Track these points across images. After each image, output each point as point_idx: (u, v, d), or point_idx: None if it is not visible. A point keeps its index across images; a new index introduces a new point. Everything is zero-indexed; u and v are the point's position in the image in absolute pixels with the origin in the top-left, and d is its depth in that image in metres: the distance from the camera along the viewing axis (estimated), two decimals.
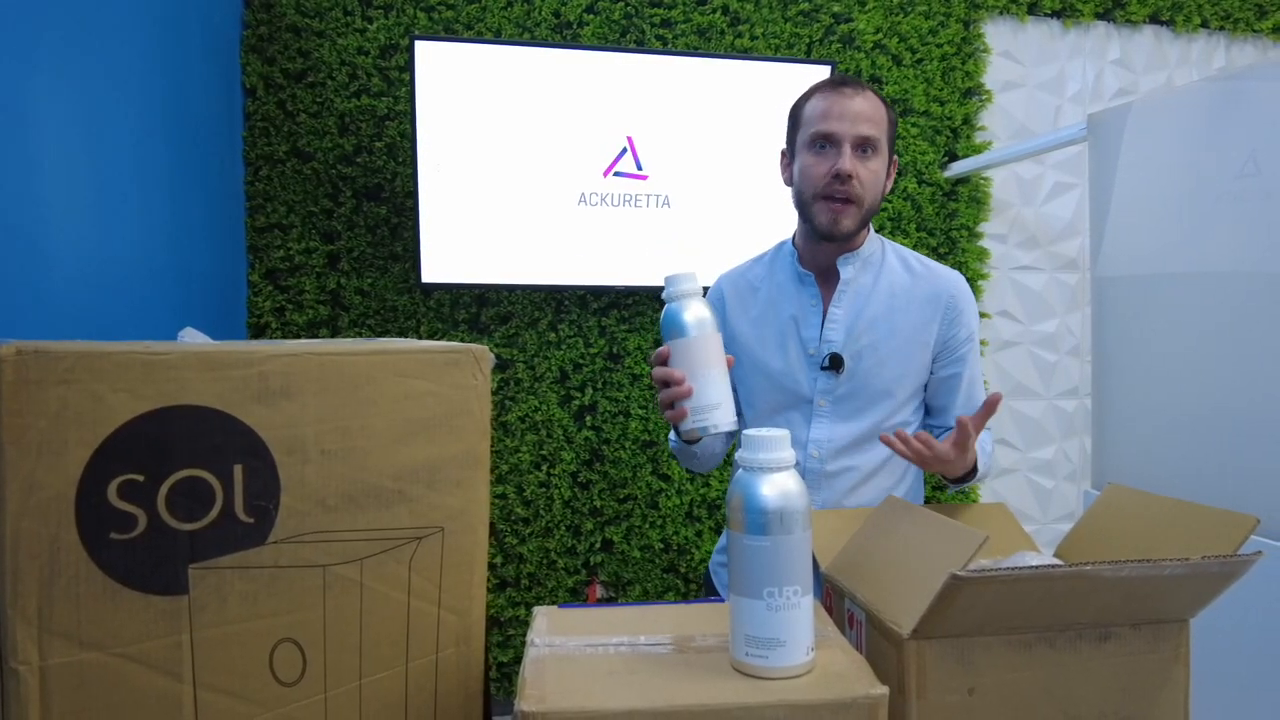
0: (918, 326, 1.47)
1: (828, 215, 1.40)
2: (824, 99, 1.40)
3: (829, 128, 1.38)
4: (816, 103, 1.41)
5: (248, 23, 2.51)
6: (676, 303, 1.06)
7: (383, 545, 0.74)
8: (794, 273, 1.51)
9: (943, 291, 1.48)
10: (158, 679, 0.65)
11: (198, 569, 0.66)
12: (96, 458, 0.63)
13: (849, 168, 1.37)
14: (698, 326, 1.05)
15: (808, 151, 1.42)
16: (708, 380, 1.04)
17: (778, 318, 1.50)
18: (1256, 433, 1.75)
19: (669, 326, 1.06)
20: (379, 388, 0.73)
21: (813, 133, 1.40)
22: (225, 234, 2.39)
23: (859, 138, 1.37)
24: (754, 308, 1.53)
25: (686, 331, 1.04)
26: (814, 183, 1.41)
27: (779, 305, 1.51)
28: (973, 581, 0.73)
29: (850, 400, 1.46)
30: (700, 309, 1.06)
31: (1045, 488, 3.08)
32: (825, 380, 1.46)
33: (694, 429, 1.06)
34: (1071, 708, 0.83)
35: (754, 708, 0.69)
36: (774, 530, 0.73)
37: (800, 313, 1.49)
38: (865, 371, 1.45)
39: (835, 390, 1.46)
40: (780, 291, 1.52)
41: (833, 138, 1.38)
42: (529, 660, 0.76)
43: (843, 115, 1.37)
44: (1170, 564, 0.77)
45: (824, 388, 1.46)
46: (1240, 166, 1.81)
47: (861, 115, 1.37)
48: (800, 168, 1.44)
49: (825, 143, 1.39)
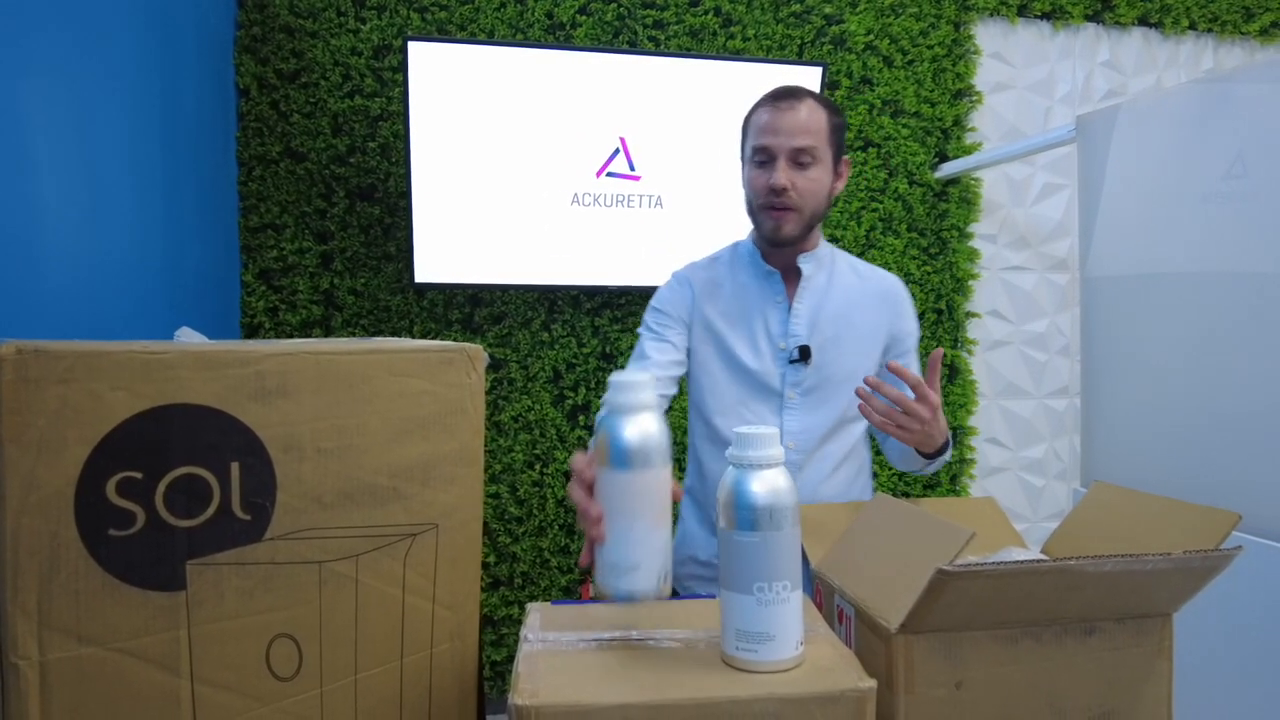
0: (872, 320, 1.55)
1: (770, 224, 1.47)
2: (764, 112, 1.46)
3: (765, 142, 1.44)
4: (758, 116, 1.47)
5: (241, 23, 2.51)
6: (620, 418, 0.79)
7: (378, 542, 0.74)
8: (758, 270, 1.55)
9: (890, 290, 1.58)
10: (156, 674, 0.66)
11: (195, 565, 0.67)
12: (95, 455, 0.63)
13: (784, 182, 1.42)
14: (640, 457, 0.78)
15: (750, 164, 1.48)
16: (633, 532, 0.78)
17: (745, 314, 1.53)
18: (1244, 432, 1.77)
19: (605, 446, 0.79)
20: (375, 386, 0.74)
21: (753, 146, 1.47)
22: (219, 234, 2.39)
23: (794, 150, 1.42)
24: (718, 301, 1.55)
25: (624, 462, 0.78)
26: (756, 195, 1.48)
27: (744, 302, 1.54)
28: (959, 576, 0.75)
29: (817, 391, 1.50)
30: (649, 430, 0.79)
31: (1035, 486, 3.10)
32: (794, 373, 1.50)
33: (601, 588, 0.80)
34: (1057, 701, 0.84)
35: (744, 701, 0.70)
36: (763, 526, 0.74)
37: (766, 308, 1.53)
38: (829, 363, 1.50)
39: (803, 382, 1.50)
40: (743, 289, 1.55)
41: (769, 151, 1.44)
42: (522, 656, 0.77)
43: (778, 130, 1.43)
44: (1153, 559, 0.78)
45: (793, 380, 1.50)
46: (1228, 168, 1.83)
47: (797, 128, 1.42)
48: (746, 179, 1.51)
49: (764, 156, 1.45)
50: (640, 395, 0.79)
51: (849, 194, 2.88)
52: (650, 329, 1.57)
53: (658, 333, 1.55)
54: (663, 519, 0.80)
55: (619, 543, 0.78)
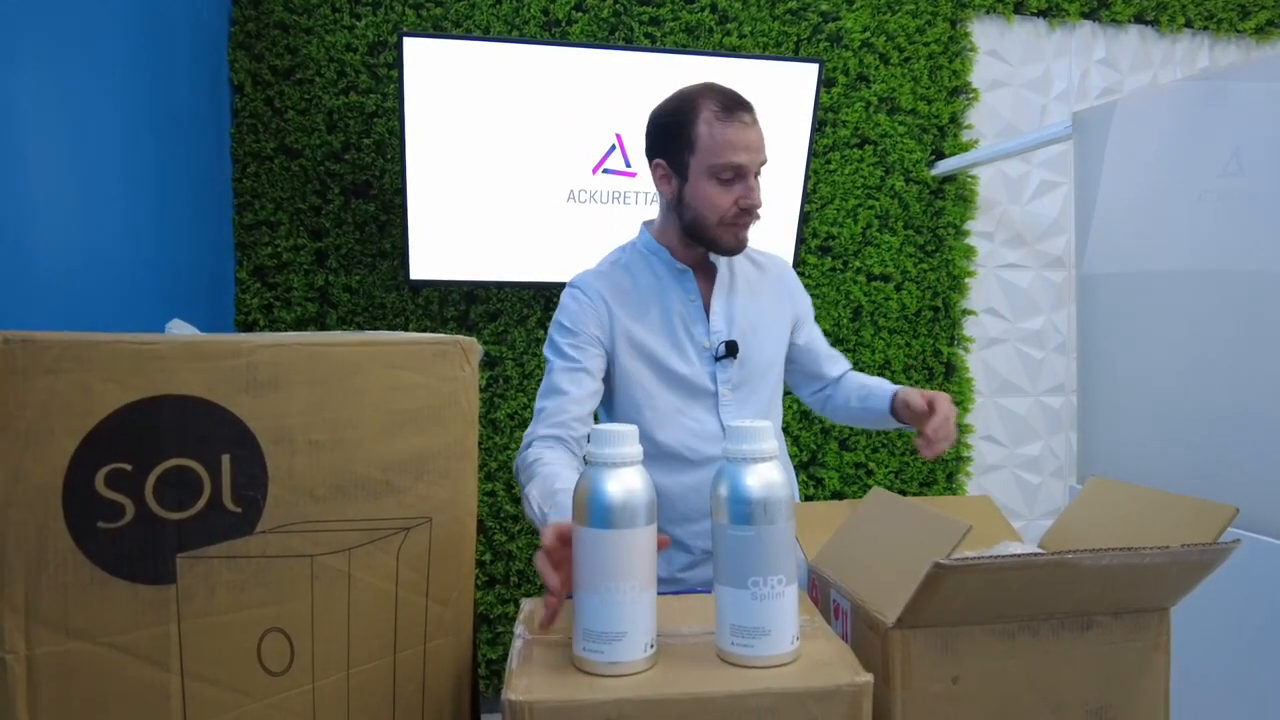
0: (776, 308, 1.58)
1: (733, 238, 1.44)
2: (724, 127, 1.37)
3: (739, 160, 1.37)
4: (715, 129, 1.37)
5: (235, 19, 2.50)
6: (604, 471, 0.73)
7: (370, 536, 0.74)
8: (670, 271, 1.51)
9: (783, 273, 1.63)
10: (145, 669, 0.65)
11: (185, 558, 0.66)
12: (84, 447, 0.63)
13: (759, 199, 1.41)
14: (625, 515, 0.72)
15: (709, 180, 1.39)
16: (617, 596, 0.72)
17: (663, 318, 1.48)
18: (1240, 429, 1.77)
19: (586, 503, 0.73)
20: (367, 379, 0.74)
21: (719, 163, 1.38)
22: (213, 231, 2.38)
23: (760, 164, 1.41)
24: (635, 310, 1.48)
25: (607, 520, 0.72)
26: (720, 212, 1.41)
27: (660, 305, 1.49)
28: (956, 570, 0.74)
29: (745, 385, 1.51)
30: (634, 485, 0.74)
31: (1031, 483, 3.10)
32: (723, 370, 1.49)
33: (582, 659, 0.73)
34: (1054, 696, 0.84)
35: (739, 696, 0.69)
36: (758, 520, 0.73)
37: (683, 309, 1.49)
38: (752, 354, 1.51)
39: (732, 379, 1.50)
40: (653, 292, 1.50)
41: (741, 170, 1.38)
42: (515, 651, 0.77)
43: (748, 147, 1.38)
44: (1150, 552, 0.78)
45: (723, 377, 1.49)
46: (1224, 165, 1.82)
47: (761, 143, 1.40)
48: (701, 195, 1.41)
49: (733, 174, 1.39)
50: (629, 448, 0.74)
51: (845, 191, 2.88)
52: (563, 354, 1.45)
53: (572, 359, 1.44)
54: (649, 581, 0.74)
55: (602, 608, 0.72)
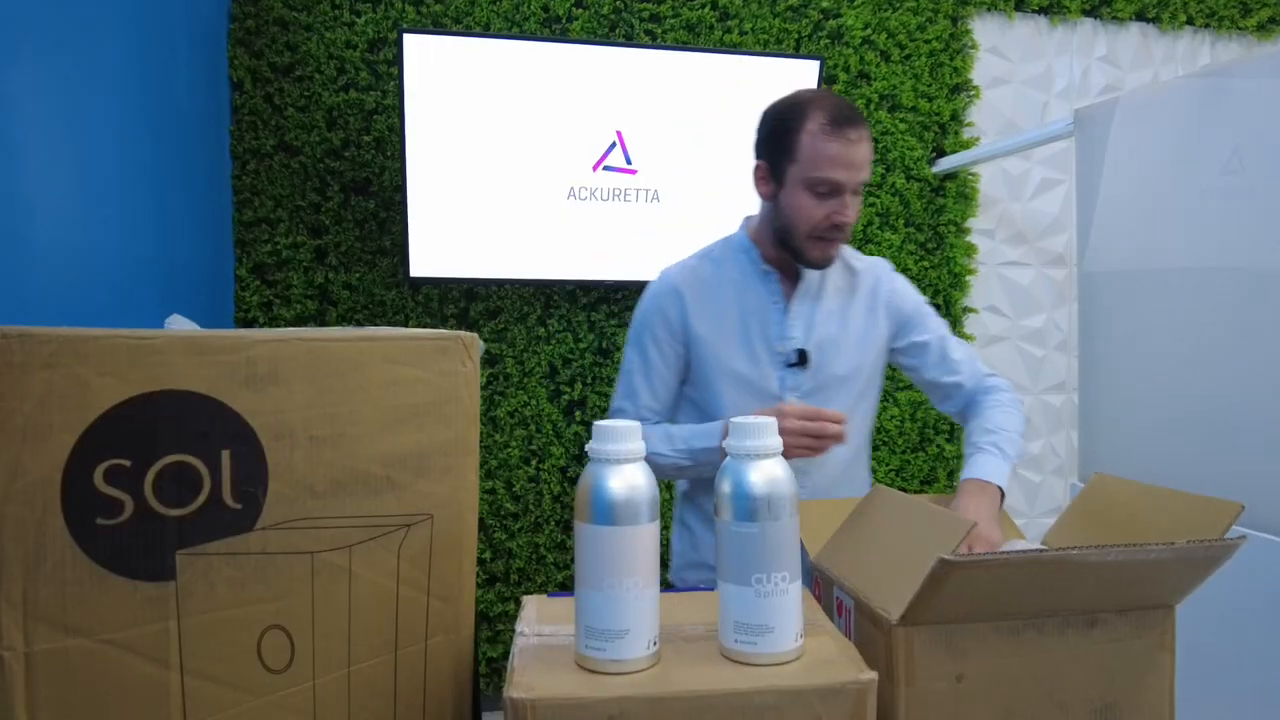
0: (868, 317, 1.52)
1: (820, 253, 1.43)
2: (829, 141, 1.36)
3: (836, 176, 1.36)
4: (819, 143, 1.37)
5: (235, 16, 2.50)
6: (605, 468, 0.73)
7: (371, 532, 0.73)
8: (754, 270, 1.51)
9: (879, 282, 1.55)
10: (145, 665, 0.65)
11: (185, 555, 0.66)
12: (82, 442, 0.62)
13: (852, 219, 1.40)
14: (627, 512, 0.72)
15: (805, 191, 1.39)
16: (620, 593, 0.72)
17: (739, 316, 1.49)
18: (1242, 427, 1.77)
19: (589, 499, 0.73)
20: (368, 374, 0.73)
21: (815, 177, 1.38)
22: (212, 228, 2.38)
23: (859, 183, 1.40)
24: (710, 305, 1.50)
25: (610, 517, 0.72)
26: (811, 225, 1.40)
27: (739, 304, 1.49)
28: (961, 566, 0.74)
29: (816, 395, 1.47)
30: (637, 482, 0.73)
31: (1033, 482, 3.10)
32: (792, 376, 1.47)
33: (584, 656, 0.73)
34: (1059, 693, 0.83)
35: (743, 694, 0.69)
36: (762, 517, 0.73)
37: (761, 310, 1.49)
38: (828, 364, 1.48)
39: (802, 386, 1.47)
40: (736, 289, 1.50)
41: (838, 186, 1.38)
42: (518, 649, 0.76)
43: (850, 164, 1.37)
44: (1155, 549, 0.77)
45: (792, 384, 1.47)
46: (1225, 162, 1.82)
47: (864, 161, 1.38)
48: (795, 205, 1.41)
49: (828, 189, 1.38)
50: (626, 445, 0.73)
51: None
52: (645, 356, 1.50)
53: (652, 359, 1.49)
54: (652, 578, 0.74)
55: (604, 606, 0.72)
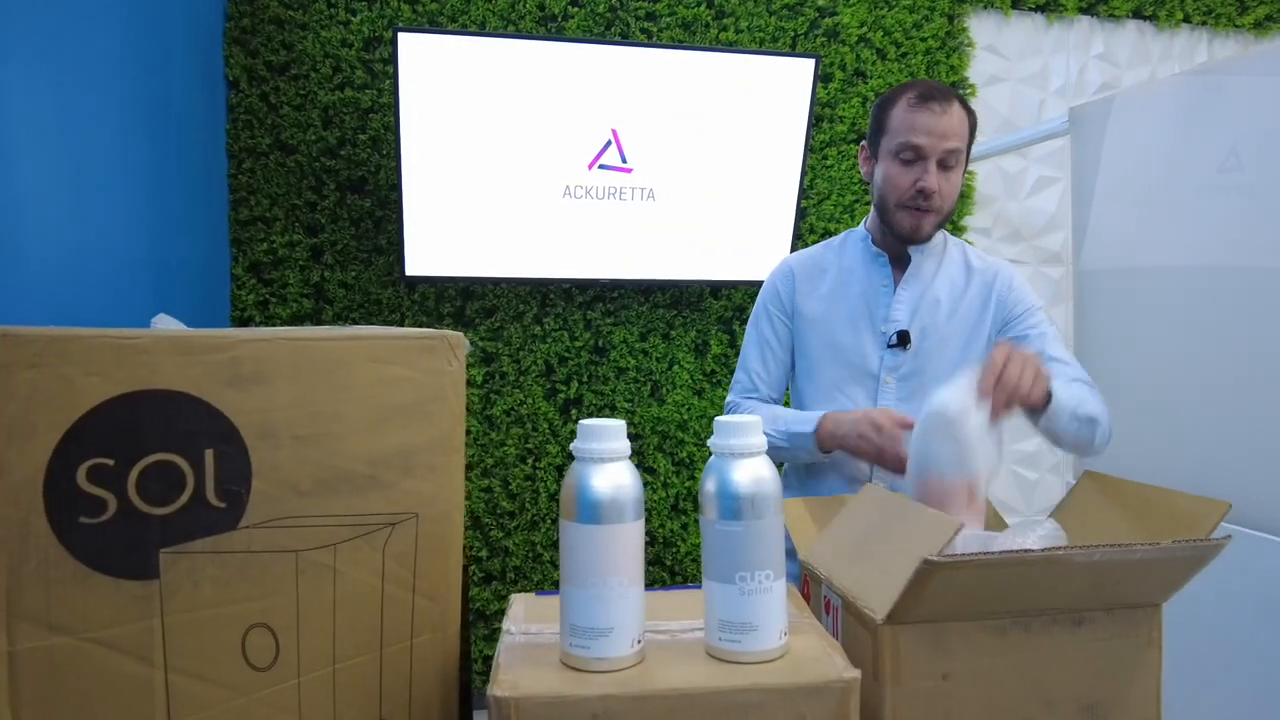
0: (977, 311, 1.54)
1: (910, 223, 1.47)
2: (913, 111, 1.43)
3: (917, 141, 1.42)
4: (905, 114, 1.44)
5: (230, 15, 2.50)
6: (591, 465, 0.73)
7: (356, 531, 0.73)
8: (866, 254, 1.57)
9: (995, 277, 1.56)
10: (129, 664, 0.65)
11: (169, 553, 0.66)
12: (66, 441, 0.62)
13: (934, 185, 1.43)
14: (612, 510, 0.72)
15: (893, 160, 1.46)
16: (604, 591, 0.72)
17: (848, 296, 1.56)
18: (1238, 424, 1.77)
19: (573, 497, 0.73)
20: (353, 373, 0.73)
21: (900, 143, 1.44)
22: (208, 227, 2.38)
23: (945, 152, 1.43)
24: (823, 286, 1.58)
25: (595, 516, 0.72)
26: (898, 193, 1.46)
27: (849, 285, 1.56)
28: (946, 566, 0.74)
29: (914, 378, 1.51)
30: (622, 481, 0.73)
31: (1029, 480, 3.10)
32: (891, 357, 1.51)
33: (568, 655, 0.73)
34: (1046, 692, 0.83)
35: (726, 691, 0.69)
36: (746, 515, 0.73)
37: (870, 292, 1.55)
38: (928, 350, 1.51)
39: (900, 368, 1.51)
40: (850, 273, 1.57)
41: (920, 151, 1.43)
42: (504, 647, 0.77)
43: (931, 131, 1.42)
44: (1141, 548, 0.77)
45: (890, 364, 1.51)
46: (1222, 160, 1.82)
47: (950, 131, 1.42)
48: (884, 174, 1.48)
49: (912, 155, 1.44)
50: (611, 443, 0.73)
51: (843, 186, 2.88)
52: (760, 329, 1.62)
53: (766, 337, 1.60)
54: (637, 576, 0.74)
55: (589, 604, 0.72)
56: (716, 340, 2.81)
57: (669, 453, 2.79)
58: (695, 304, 2.81)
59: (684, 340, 2.80)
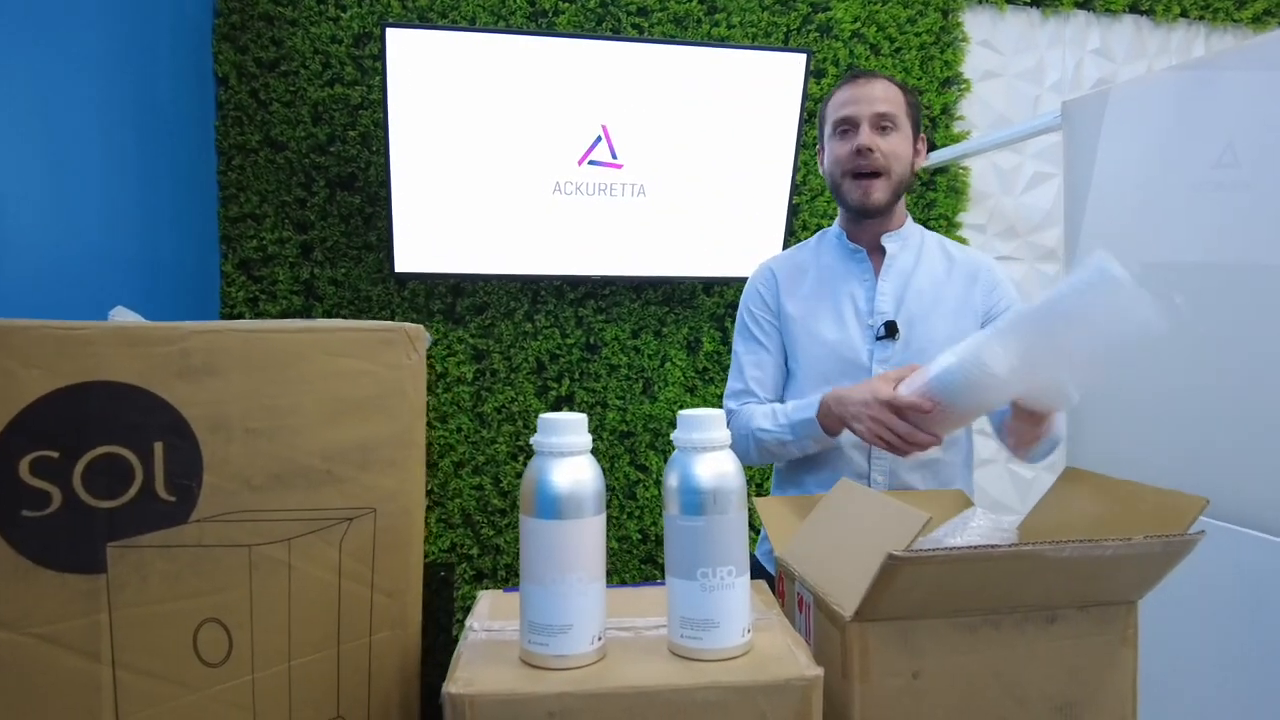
0: (962, 298, 1.55)
1: (858, 191, 1.50)
2: (842, 91, 1.52)
3: (846, 112, 1.50)
4: (837, 96, 1.53)
5: (219, 11, 2.49)
6: (549, 461, 0.72)
7: (311, 525, 0.72)
8: (843, 250, 1.59)
9: (979, 268, 1.59)
10: (75, 659, 0.64)
11: (116, 547, 0.65)
12: (7, 434, 0.61)
13: (867, 142, 1.47)
14: (572, 505, 0.71)
15: (833, 138, 1.53)
16: (563, 588, 0.71)
17: (830, 293, 1.56)
18: (1233, 421, 1.75)
19: (533, 493, 0.72)
20: (308, 366, 0.72)
21: (834, 120, 1.52)
22: (197, 224, 2.37)
23: (875, 115, 1.48)
24: (804, 286, 1.59)
25: (554, 511, 0.71)
26: (840, 163, 1.51)
27: (829, 282, 1.57)
28: (911, 561, 0.73)
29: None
30: (582, 476, 0.72)
31: (1025, 478, 3.08)
32: (881, 349, 1.50)
33: (528, 652, 0.72)
34: (1018, 690, 0.82)
35: (685, 689, 0.68)
36: (708, 510, 0.72)
37: (852, 286, 1.55)
38: (918, 339, 1.50)
39: (891, 359, 1.50)
40: (829, 270, 1.58)
41: (852, 120, 1.49)
42: (464, 644, 0.75)
43: (859, 99, 1.49)
44: (1112, 544, 0.76)
45: (881, 356, 1.50)
46: (1218, 155, 1.80)
47: (876, 97, 1.48)
48: (828, 155, 1.55)
49: (846, 126, 1.50)
50: (571, 437, 0.72)
51: None
52: (748, 334, 1.62)
53: (756, 341, 1.60)
54: (597, 573, 0.73)
55: (547, 600, 0.71)
56: (709, 337, 2.80)
57: (661, 450, 2.78)
58: (687, 301, 2.79)
59: (676, 337, 2.79)
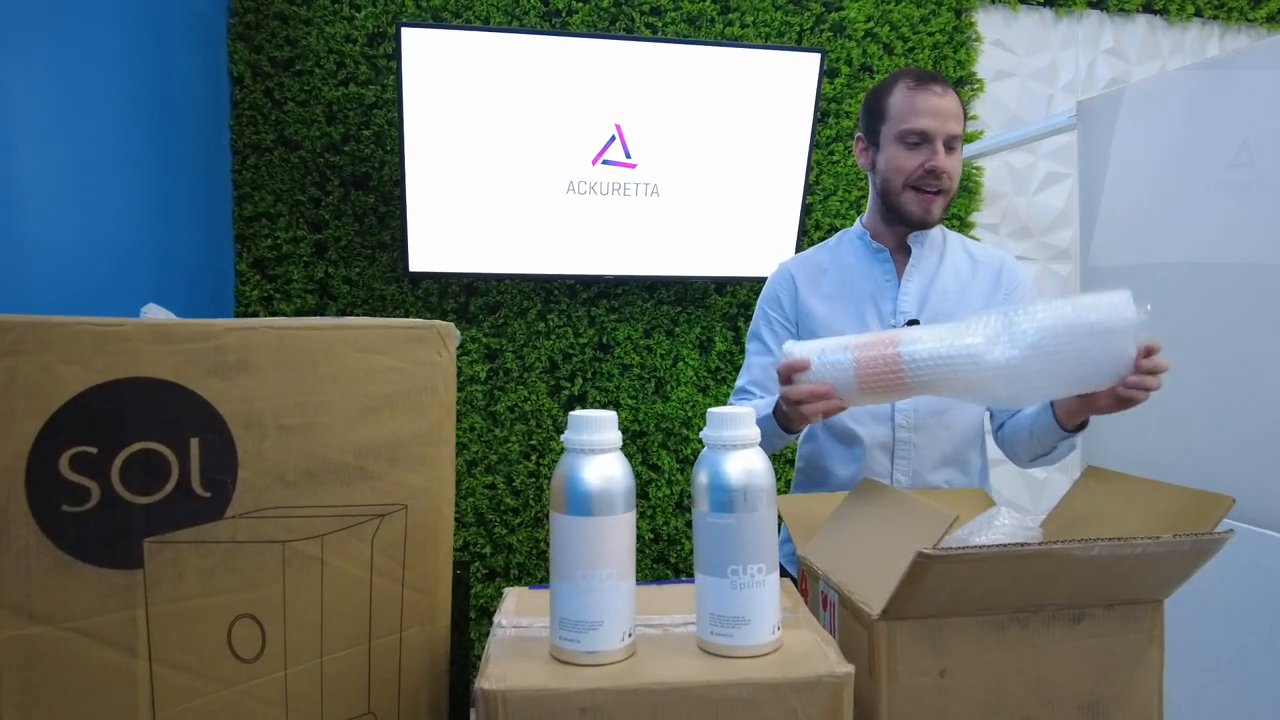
0: (987, 298, 1.55)
1: (919, 206, 1.48)
2: (913, 95, 1.47)
3: (922, 125, 1.45)
4: (905, 98, 1.47)
5: (235, 10, 2.50)
6: (580, 458, 0.73)
7: (344, 522, 0.73)
8: (866, 250, 1.58)
9: (1002, 267, 1.58)
10: (111, 654, 0.64)
11: (153, 543, 0.65)
12: (47, 430, 0.62)
13: (944, 165, 1.45)
14: (602, 502, 0.71)
15: (897, 145, 1.48)
16: (594, 584, 0.71)
17: (853, 293, 1.55)
18: (1247, 421, 1.74)
19: (564, 489, 0.72)
20: (340, 363, 0.72)
21: (904, 128, 1.46)
22: (212, 223, 2.38)
23: (949, 135, 1.46)
24: (825, 285, 1.58)
25: (585, 508, 0.71)
26: (905, 175, 1.48)
27: (851, 282, 1.56)
28: (940, 560, 0.73)
29: None
30: (612, 472, 0.72)
31: (1037, 478, 3.07)
32: None
33: (558, 648, 0.73)
34: (1045, 689, 0.82)
35: (716, 686, 0.68)
36: (738, 507, 0.72)
37: (875, 286, 1.55)
38: None
39: None
40: (850, 270, 1.57)
41: (926, 135, 1.45)
42: (493, 641, 0.76)
43: (934, 113, 1.45)
44: (1141, 542, 0.76)
45: None
46: (1233, 156, 1.80)
47: (950, 113, 1.46)
48: (888, 159, 1.50)
49: (918, 138, 1.46)
50: (602, 435, 0.73)
51: (849, 182, 2.86)
52: (758, 335, 1.60)
53: (763, 343, 1.59)
54: (627, 569, 0.73)
55: (578, 597, 0.71)
56: (721, 337, 2.80)
57: (673, 450, 2.78)
58: (700, 300, 2.79)
59: (688, 337, 2.79)
